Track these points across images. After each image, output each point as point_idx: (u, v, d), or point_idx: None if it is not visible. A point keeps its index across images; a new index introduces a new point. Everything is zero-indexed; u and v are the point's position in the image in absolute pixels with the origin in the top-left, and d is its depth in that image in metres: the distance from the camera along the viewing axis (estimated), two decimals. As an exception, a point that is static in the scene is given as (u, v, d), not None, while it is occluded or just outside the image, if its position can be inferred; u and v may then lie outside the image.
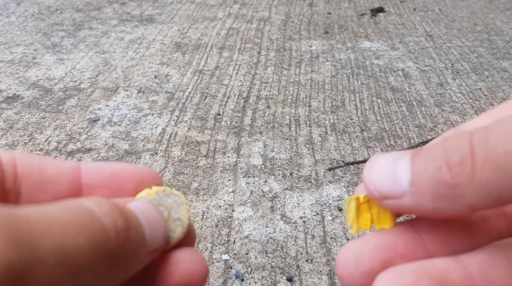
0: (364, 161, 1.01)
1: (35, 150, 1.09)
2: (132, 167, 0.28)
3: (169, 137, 1.13)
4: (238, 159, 1.03)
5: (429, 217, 0.25)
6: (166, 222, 0.25)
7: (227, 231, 0.81)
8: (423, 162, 0.22)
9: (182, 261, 0.25)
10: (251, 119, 1.21)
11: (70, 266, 0.18)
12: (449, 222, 0.25)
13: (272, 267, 0.69)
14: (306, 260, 0.70)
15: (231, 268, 0.72)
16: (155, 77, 1.46)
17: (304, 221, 0.81)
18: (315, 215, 0.83)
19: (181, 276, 0.25)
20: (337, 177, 0.95)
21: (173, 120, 1.21)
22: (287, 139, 1.11)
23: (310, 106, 1.28)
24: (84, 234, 0.19)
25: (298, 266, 0.69)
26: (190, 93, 1.36)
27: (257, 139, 1.11)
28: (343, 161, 1.01)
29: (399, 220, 0.25)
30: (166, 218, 0.25)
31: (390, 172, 0.24)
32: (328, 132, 1.14)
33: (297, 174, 0.96)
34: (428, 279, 0.21)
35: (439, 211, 0.22)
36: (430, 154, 0.22)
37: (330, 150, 1.06)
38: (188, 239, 0.27)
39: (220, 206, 0.88)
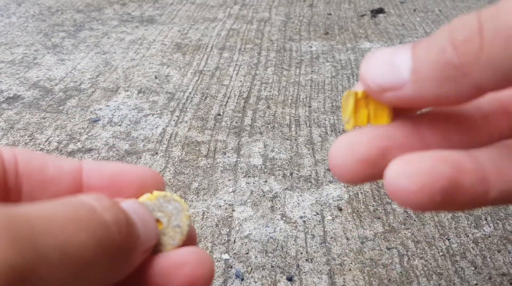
0: (364, 161, 1.02)
1: (36, 150, 1.10)
2: (134, 168, 0.28)
3: (170, 137, 1.14)
4: (238, 159, 1.03)
5: (431, 106, 0.24)
6: (165, 228, 0.25)
7: (227, 230, 0.81)
8: (425, 47, 0.21)
9: (186, 264, 0.24)
10: (251, 120, 1.21)
11: (74, 263, 0.17)
12: (449, 117, 0.24)
13: (272, 266, 0.70)
14: (306, 260, 0.71)
15: (231, 267, 0.72)
16: (156, 78, 1.46)
17: (304, 221, 0.82)
18: (315, 215, 0.83)
19: (184, 280, 0.24)
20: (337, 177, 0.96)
21: (174, 120, 1.21)
22: (287, 139, 1.11)
23: (310, 107, 1.28)
24: (85, 230, 0.18)
25: (298, 266, 0.70)
26: (190, 93, 1.36)
27: (257, 139, 1.11)
28: (343, 161, 1.02)
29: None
30: (165, 225, 0.25)
31: (389, 63, 0.22)
32: (328, 133, 1.15)
33: (297, 174, 0.97)
34: (447, 164, 0.20)
35: (444, 96, 0.21)
36: (433, 39, 0.21)
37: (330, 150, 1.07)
38: (189, 243, 0.26)
39: (220, 206, 0.88)
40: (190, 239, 0.26)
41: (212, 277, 0.25)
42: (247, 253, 0.75)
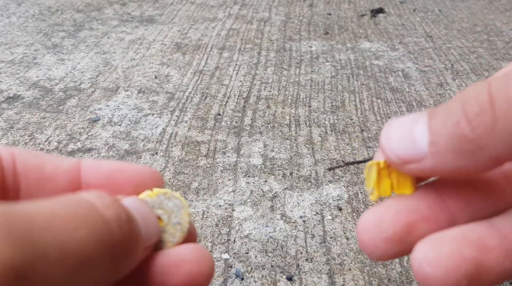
0: (364, 161, 1.02)
1: (36, 150, 1.10)
2: (133, 167, 0.27)
3: (169, 137, 1.14)
4: (238, 159, 1.03)
5: (452, 177, 0.24)
6: (165, 225, 0.25)
7: (227, 230, 0.81)
8: (440, 120, 0.21)
9: (185, 261, 0.24)
10: (251, 119, 1.21)
11: (73, 260, 0.17)
12: (471, 182, 0.24)
13: (272, 266, 0.70)
14: (306, 259, 0.71)
15: (231, 267, 0.72)
16: (156, 78, 1.46)
17: (304, 221, 0.82)
18: (315, 215, 0.83)
19: (183, 277, 0.24)
20: (337, 177, 0.96)
21: (173, 120, 1.21)
22: (287, 139, 1.11)
23: (310, 106, 1.28)
24: (85, 227, 0.18)
25: (298, 265, 0.70)
26: (190, 93, 1.36)
27: (257, 139, 1.11)
28: (343, 161, 1.02)
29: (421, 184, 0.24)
30: (166, 222, 0.25)
31: (407, 135, 0.23)
32: (328, 132, 1.15)
33: (297, 173, 0.97)
34: (469, 245, 0.20)
35: (463, 168, 0.21)
36: (446, 110, 0.21)
37: (330, 150, 1.07)
38: (189, 240, 0.26)
39: (220, 206, 0.88)
40: (190, 236, 0.26)
41: (212, 274, 0.25)
42: (247, 253, 0.75)
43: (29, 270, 0.16)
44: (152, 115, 1.24)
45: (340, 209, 0.85)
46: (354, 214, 0.84)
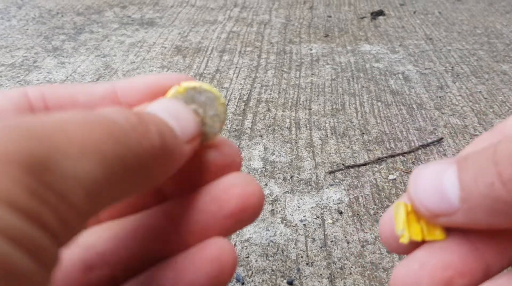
0: (365, 164, 1.02)
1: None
2: (166, 76, 0.27)
3: (170, 140, 1.14)
4: (239, 162, 1.03)
5: (485, 230, 0.23)
6: (203, 118, 0.25)
7: (228, 234, 0.81)
8: (471, 176, 0.21)
9: (235, 186, 0.24)
10: (252, 122, 1.21)
11: (96, 156, 0.18)
12: (505, 230, 0.23)
13: (272, 270, 0.70)
14: (307, 264, 0.70)
15: (231, 271, 0.72)
16: (156, 81, 1.46)
17: (304, 224, 0.81)
18: (315, 218, 0.83)
19: (237, 201, 0.24)
20: (337, 180, 0.95)
21: (174, 123, 1.22)
22: (287, 142, 1.11)
23: (311, 109, 1.28)
24: (100, 130, 0.19)
25: (298, 270, 0.69)
26: (190, 96, 1.36)
27: (257, 142, 1.11)
28: (343, 164, 1.01)
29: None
30: (202, 115, 0.24)
31: (437, 188, 0.22)
32: (329, 135, 1.14)
33: (297, 177, 0.96)
34: None
35: (496, 225, 0.21)
36: (478, 166, 0.21)
37: (330, 153, 1.06)
38: (234, 164, 0.26)
39: (220, 209, 0.88)
40: (232, 164, 0.26)
41: (263, 197, 0.25)
42: (248, 257, 0.75)
43: (55, 163, 0.16)
44: (153, 118, 1.24)
45: (341, 213, 0.84)
46: (354, 217, 0.83)
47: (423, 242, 0.24)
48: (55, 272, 0.16)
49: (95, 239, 0.24)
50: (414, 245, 0.23)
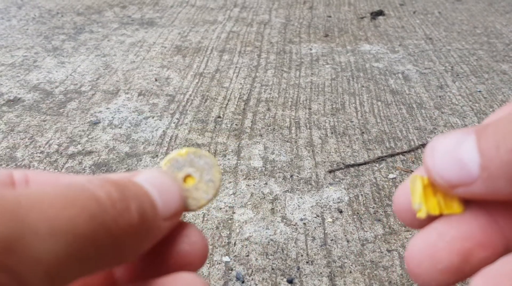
0: (365, 163, 1.02)
1: (36, 153, 1.10)
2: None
3: (170, 139, 1.14)
4: (239, 161, 1.03)
5: (506, 201, 0.22)
6: (198, 183, 0.25)
7: (228, 233, 0.81)
8: (492, 143, 0.20)
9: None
10: (252, 122, 1.21)
11: (65, 236, 0.17)
12: None
13: (272, 269, 0.70)
14: (307, 262, 0.70)
15: (231, 270, 0.72)
16: (156, 80, 1.46)
17: (304, 223, 0.81)
18: (315, 217, 0.83)
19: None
20: (337, 179, 0.96)
21: (174, 122, 1.21)
22: (287, 141, 1.11)
23: (310, 109, 1.28)
24: (75, 205, 0.18)
25: (298, 268, 0.69)
26: (190, 96, 1.36)
27: (257, 142, 1.11)
28: (343, 163, 1.02)
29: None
30: (198, 180, 0.25)
31: (455, 157, 0.21)
32: (328, 135, 1.15)
33: (297, 176, 0.97)
34: None
35: None
36: (499, 132, 0.20)
37: (330, 152, 1.07)
38: (197, 261, 0.25)
39: (220, 208, 0.88)
40: (196, 261, 0.25)
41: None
42: (248, 256, 0.75)
43: (20, 244, 0.16)
44: (153, 117, 1.24)
45: (341, 212, 0.84)
46: (354, 216, 0.83)
47: (440, 216, 0.23)
48: None
49: None
50: (430, 220, 0.22)
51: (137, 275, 0.25)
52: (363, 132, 1.16)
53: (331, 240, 0.76)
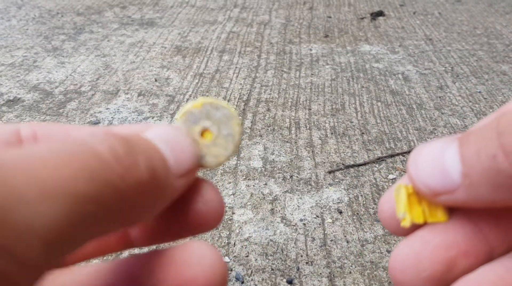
0: (365, 163, 1.02)
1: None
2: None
3: (170, 140, 1.14)
4: (238, 161, 1.03)
5: (488, 208, 0.22)
6: (216, 138, 0.23)
7: (227, 233, 0.81)
8: (473, 149, 0.20)
9: (201, 271, 0.21)
10: (251, 122, 1.21)
11: (63, 198, 0.15)
12: (510, 209, 0.22)
13: (272, 269, 0.69)
14: (306, 263, 0.70)
15: (231, 270, 0.72)
16: (156, 80, 1.46)
17: (304, 224, 0.81)
18: (315, 218, 0.83)
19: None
20: (337, 180, 0.95)
21: (174, 123, 1.21)
22: (287, 142, 1.11)
23: (310, 109, 1.28)
24: (71, 163, 0.16)
25: (298, 269, 0.69)
26: (190, 96, 1.36)
27: (257, 142, 1.11)
28: (343, 164, 1.01)
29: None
30: (216, 134, 0.23)
31: (438, 164, 0.21)
32: (328, 135, 1.14)
33: (297, 176, 0.96)
34: None
35: (499, 202, 0.20)
36: (480, 139, 0.20)
37: (330, 153, 1.06)
38: (214, 220, 0.24)
39: (220, 209, 0.88)
40: (212, 220, 0.24)
41: (226, 278, 0.23)
42: (247, 256, 0.75)
43: (6, 214, 0.14)
44: (152, 118, 1.24)
45: (341, 212, 0.84)
46: (354, 217, 0.83)
47: (424, 224, 0.23)
48: None
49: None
50: (415, 228, 0.22)
51: (153, 235, 0.23)
52: (363, 133, 1.16)
53: (331, 240, 0.76)
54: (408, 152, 1.07)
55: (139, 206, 0.18)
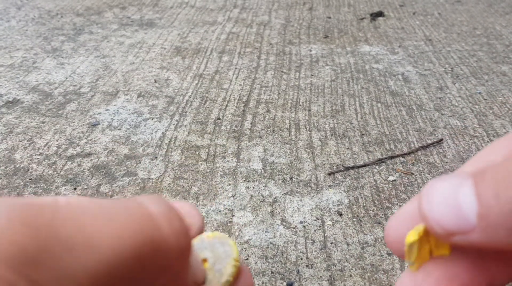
0: (365, 165, 1.01)
1: (35, 155, 1.09)
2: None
3: (169, 141, 1.13)
4: (238, 163, 1.03)
5: (504, 250, 0.22)
6: (209, 269, 0.24)
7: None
8: (491, 190, 0.19)
9: None
10: (251, 123, 1.21)
11: (107, 251, 0.16)
12: None
13: (272, 272, 0.69)
14: (307, 265, 0.70)
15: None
16: (155, 82, 1.46)
17: (304, 226, 0.81)
18: (315, 220, 0.83)
19: None
20: (337, 182, 0.95)
21: (173, 124, 1.21)
22: (287, 143, 1.11)
23: (310, 110, 1.28)
24: (123, 219, 0.16)
25: (298, 272, 0.69)
26: (190, 97, 1.36)
27: (257, 144, 1.11)
28: (343, 166, 1.01)
29: None
30: (210, 267, 0.24)
31: (453, 203, 0.20)
32: (328, 136, 1.14)
33: (297, 178, 0.96)
34: None
35: None
36: (497, 177, 0.19)
37: (330, 154, 1.06)
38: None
39: (220, 211, 0.87)
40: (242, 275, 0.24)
41: None
42: (247, 259, 0.74)
43: (49, 257, 0.15)
44: (152, 119, 1.24)
45: (341, 214, 0.84)
46: (354, 219, 0.83)
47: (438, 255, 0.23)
48: None
49: None
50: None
51: None
52: (363, 134, 1.16)
53: (331, 243, 0.76)
54: (408, 153, 1.07)
55: (170, 271, 0.18)
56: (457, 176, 0.21)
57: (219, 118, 1.24)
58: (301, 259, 0.72)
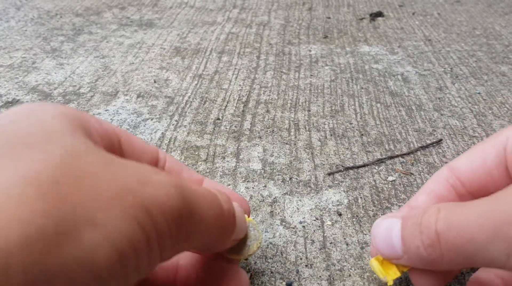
0: (364, 165, 1.01)
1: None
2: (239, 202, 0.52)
3: (169, 141, 1.13)
4: (238, 163, 1.03)
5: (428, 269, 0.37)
6: (241, 243, 0.45)
7: (227, 236, 0.81)
8: (408, 236, 0.34)
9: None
10: (251, 124, 1.21)
11: (207, 218, 0.33)
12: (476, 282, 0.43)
13: (271, 272, 0.69)
14: (306, 265, 0.70)
15: (230, 273, 0.72)
16: (155, 82, 1.46)
17: (303, 226, 0.81)
18: (314, 220, 0.83)
19: None
20: (336, 182, 0.95)
21: (173, 124, 1.21)
22: (286, 143, 1.11)
23: (310, 111, 1.28)
24: (214, 207, 0.34)
25: (297, 271, 0.69)
26: (189, 97, 1.36)
27: (256, 144, 1.11)
28: (342, 166, 1.01)
29: None
30: (242, 241, 0.45)
31: (388, 240, 0.36)
32: (328, 137, 1.14)
33: (296, 178, 0.96)
34: None
35: (432, 268, 0.34)
36: (412, 230, 0.33)
37: (329, 154, 1.06)
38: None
39: (219, 211, 0.87)
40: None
41: None
42: (246, 259, 0.74)
43: (189, 217, 0.31)
44: (151, 119, 1.24)
45: (340, 214, 0.84)
46: (354, 219, 0.83)
47: (408, 270, 0.40)
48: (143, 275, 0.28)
49: None
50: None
51: None
52: (362, 134, 1.16)
53: (330, 243, 0.76)
54: (408, 153, 1.07)
55: (219, 240, 0.39)
56: (392, 216, 0.36)
57: (218, 119, 1.24)
58: (301, 259, 0.72)
